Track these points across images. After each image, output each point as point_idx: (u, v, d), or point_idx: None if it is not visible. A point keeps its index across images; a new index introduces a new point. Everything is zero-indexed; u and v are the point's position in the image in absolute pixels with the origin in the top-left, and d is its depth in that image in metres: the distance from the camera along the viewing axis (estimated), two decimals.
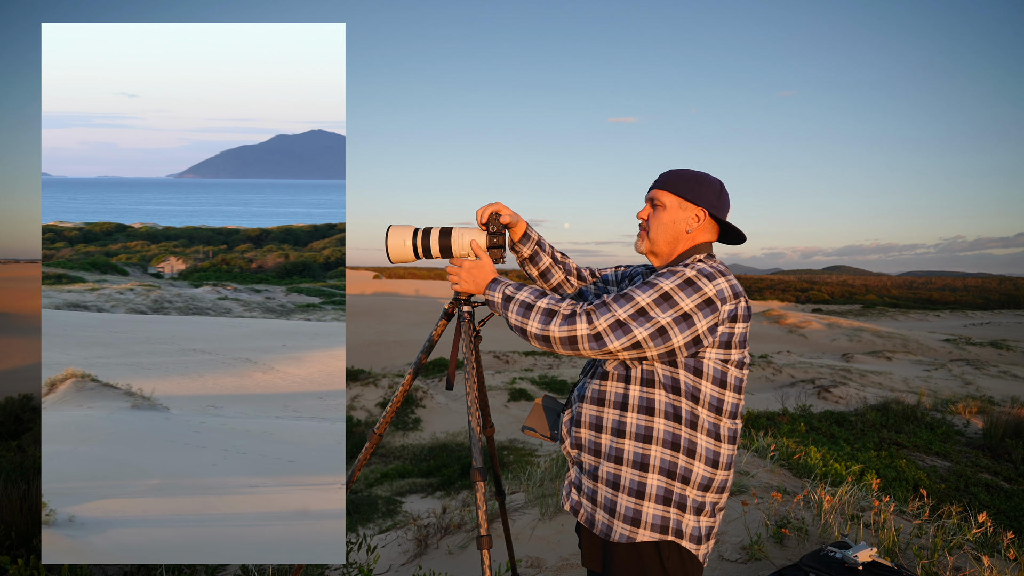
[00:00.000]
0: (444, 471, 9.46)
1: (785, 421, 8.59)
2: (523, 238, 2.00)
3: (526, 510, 4.07)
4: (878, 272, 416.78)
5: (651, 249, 1.77)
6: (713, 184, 1.74)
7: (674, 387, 1.61)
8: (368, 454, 2.17)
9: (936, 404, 11.24)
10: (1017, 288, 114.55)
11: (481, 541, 1.80)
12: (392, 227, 1.94)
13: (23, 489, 3.53)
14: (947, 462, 7.34)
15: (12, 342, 19.06)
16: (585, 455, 1.74)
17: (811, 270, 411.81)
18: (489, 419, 2.34)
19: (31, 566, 2.51)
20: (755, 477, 4.23)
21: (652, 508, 1.62)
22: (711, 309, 1.56)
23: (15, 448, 7.40)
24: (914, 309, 63.56)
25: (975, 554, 2.91)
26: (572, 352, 1.59)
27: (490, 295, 1.77)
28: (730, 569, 2.95)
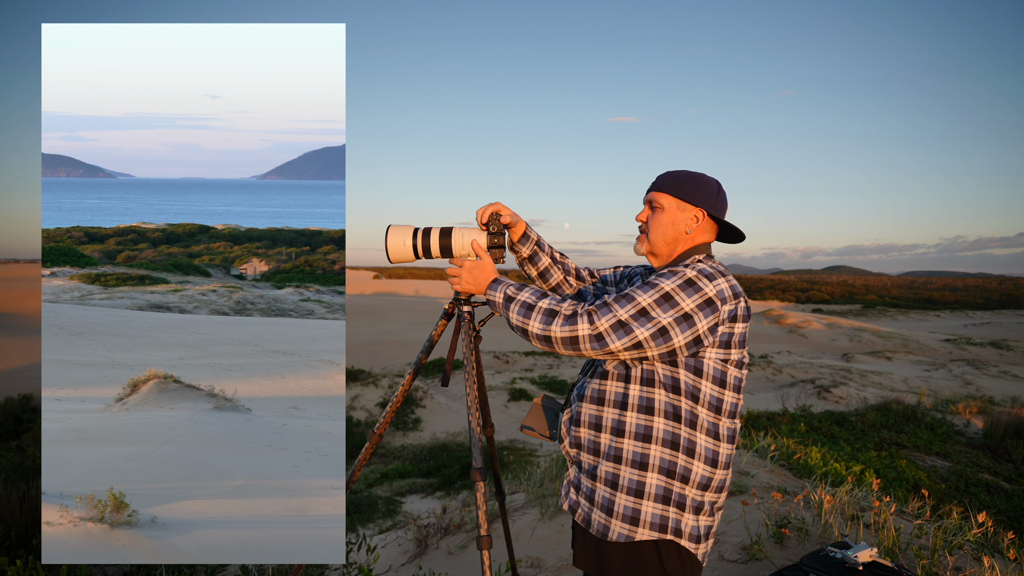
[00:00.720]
0: (444, 471, 9.46)
1: (785, 421, 8.59)
2: (522, 238, 2.00)
3: (526, 510, 4.07)
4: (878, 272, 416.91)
5: (651, 250, 1.78)
6: (710, 184, 1.75)
7: (674, 386, 1.62)
8: (368, 454, 2.16)
9: (936, 404, 11.24)
10: (1017, 288, 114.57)
11: (481, 541, 1.80)
12: (392, 227, 1.94)
13: (23, 489, 3.53)
14: (947, 462, 7.34)
15: (12, 342, 19.07)
16: (584, 454, 1.74)
17: (811, 270, 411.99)
18: (489, 419, 2.33)
19: (30, 566, 2.52)
20: (755, 477, 4.23)
21: (651, 507, 1.62)
22: (711, 309, 1.57)
23: (15, 448, 7.40)
24: (914, 309, 63.57)
25: (975, 554, 2.91)
26: (573, 352, 1.59)
27: (491, 295, 1.77)
28: (730, 569, 2.95)
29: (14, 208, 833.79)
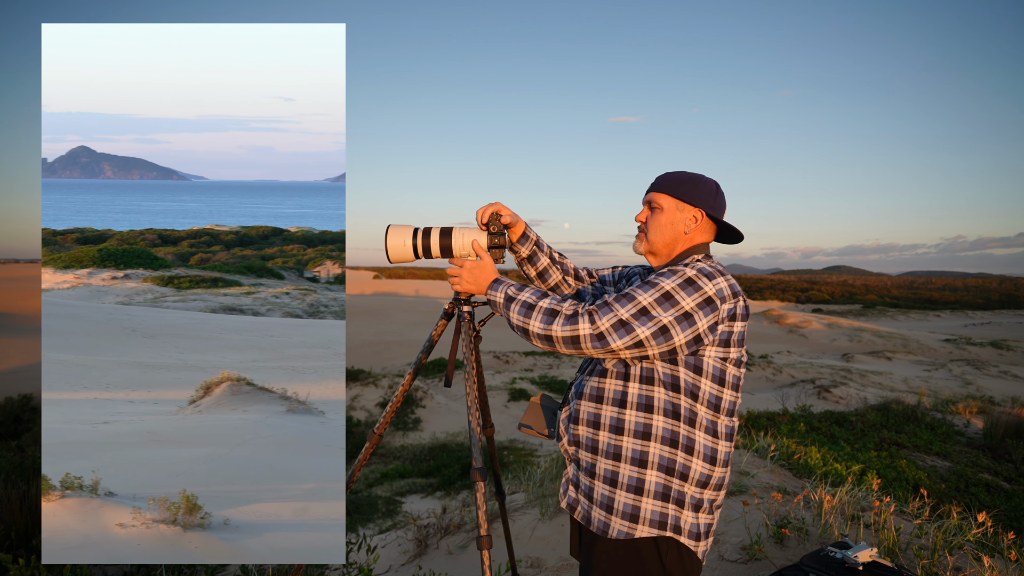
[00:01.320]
0: (444, 471, 9.46)
1: (785, 421, 8.59)
2: (521, 238, 2.00)
3: (526, 510, 4.07)
4: (878, 272, 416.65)
5: (650, 250, 1.80)
6: (709, 185, 1.76)
7: (674, 384, 1.63)
8: (368, 454, 2.17)
9: (936, 404, 11.24)
10: (1017, 288, 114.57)
11: (481, 541, 1.80)
12: (391, 227, 1.94)
13: (23, 489, 3.53)
14: (947, 462, 7.34)
15: (12, 342, 19.07)
16: (583, 452, 1.75)
17: (811, 270, 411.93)
18: (489, 419, 2.34)
19: (32, 566, 2.52)
20: (755, 477, 4.23)
21: (651, 504, 1.63)
22: (711, 308, 1.58)
23: (15, 448, 7.40)
24: (914, 309, 63.57)
25: (975, 554, 2.91)
26: (575, 351, 1.60)
27: (492, 295, 1.78)
28: (730, 569, 2.95)
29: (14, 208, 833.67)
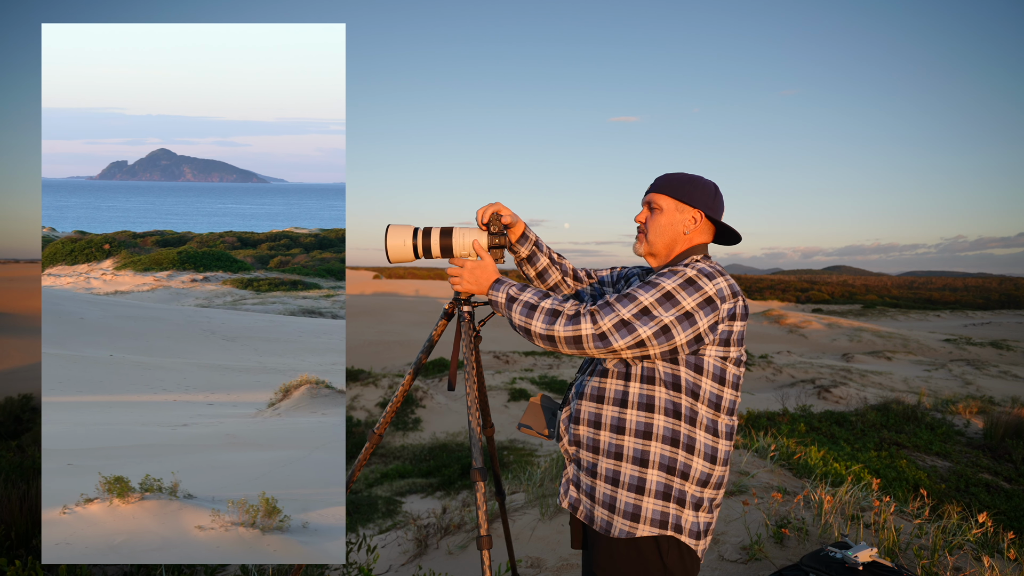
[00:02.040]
0: (444, 471, 9.45)
1: (785, 421, 8.59)
2: (521, 238, 2.01)
3: (526, 510, 4.07)
4: (878, 272, 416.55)
5: (649, 251, 1.81)
6: (708, 187, 1.78)
7: (675, 384, 1.64)
8: (368, 454, 2.17)
9: (936, 404, 11.24)
10: (1017, 288, 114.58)
11: (481, 541, 1.80)
12: (391, 227, 1.94)
13: (23, 489, 3.53)
14: (947, 462, 7.34)
15: (12, 342, 19.07)
16: (584, 452, 1.76)
17: (811, 270, 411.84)
18: (489, 419, 2.34)
19: (30, 566, 2.52)
20: (755, 477, 4.23)
21: (652, 503, 1.64)
22: (711, 308, 1.59)
23: (15, 448, 7.40)
24: (914, 309, 63.56)
25: (975, 554, 2.91)
26: (577, 351, 1.61)
27: (493, 295, 1.78)
28: (730, 569, 2.95)
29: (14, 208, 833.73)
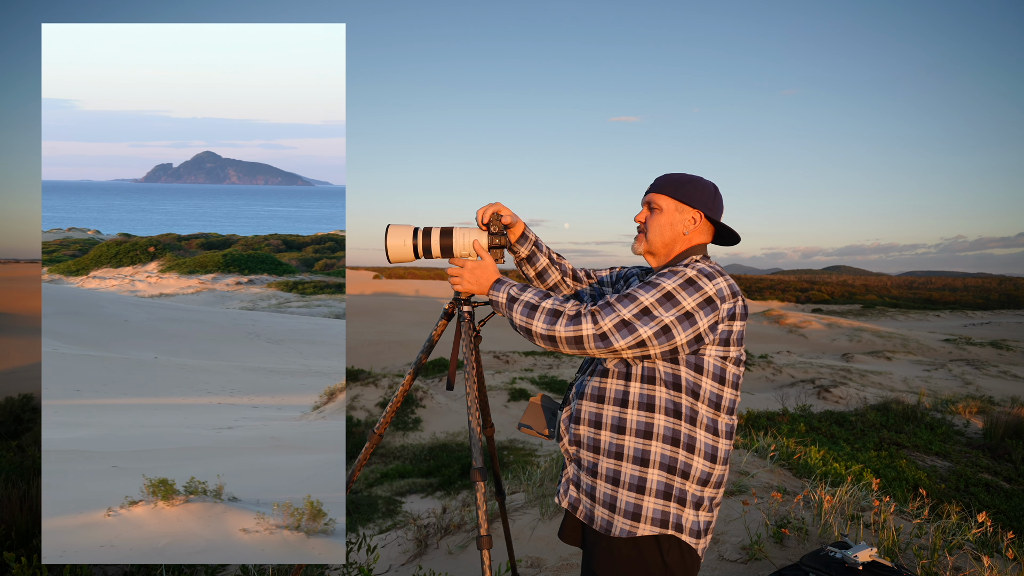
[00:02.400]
0: (444, 471, 9.45)
1: (785, 421, 8.60)
2: (521, 238, 2.01)
3: (526, 510, 4.07)
4: (878, 272, 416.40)
5: (649, 250, 1.82)
6: (708, 187, 1.79)
7: (675, 383, 1.64)
8: (368, 454, 2.17)
9: (936, 404, 11.24)
10: (1017, 288, 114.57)
11: (481, 541, 1.80)
12: (391, 226, 1.94)
13: (23, 489, 3.53)
14: (947, 462, 7.34)
15: (12, 342, 19.06)
16: (584, 452, 1.76)
17: (811, 270, 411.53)
18: (489, 419, 2.34)
19: (33, 566, 2.52)
20: (755, 477, 4.23)
21: (653, 503, 1.65)
22: (711, 308, 1.60)
23: (15, 448, 7.39)
24: (914, 309, 63.54)
25: (975, 554, 2.91)
26: (578, 351, 1.62)
27: (494, 295, 1.79)
28: (730, 569, 2.96)
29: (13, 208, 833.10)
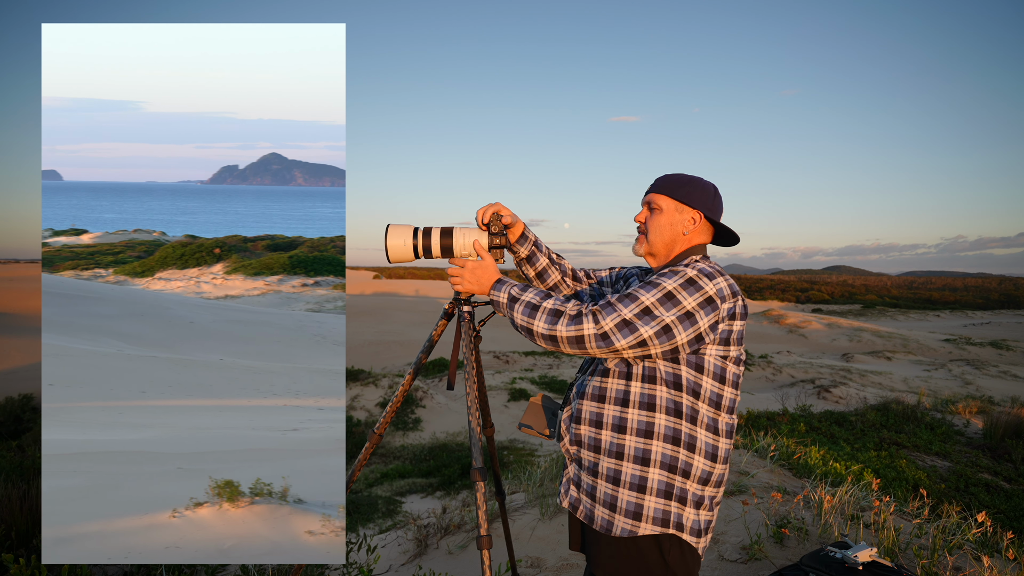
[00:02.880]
0: (444, 471, 9.45)
1: (785, 421, 8.60)
2: (520, 238, 2.01)
3: (526, 510, 4.07)
4: (878, 272, 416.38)
5: (649, 251, 1.83)
6: (707, 188, 1.80)
7: (676, 383, 1.65)
8: (368, 454, 2.17)
9: (936, 404, 11.24)
10: (1017, 288, 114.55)
11: (481, 541, 1.80)
12: (391, 226, 1.94)
13: (23, 489, 3.53)
14: (947, 462, 7.34)
15: (12, 342, 19.06)
16: (585, 451, 1.76)
17: (811, 270, 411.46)
18: (489, 419, 2.34)
19: (32, 566, 2.52)
20: (755, 477, 4.23)
21: (653, 502, 1.65)
22: (712, 307, 1.61)
23: (15, 448, 7.39)
24: (914, 309, 63.55)
25: (975, 554, 2.91)
26: (579, 351, 1.62)
27: (495, 295, 1.79)
28: (730, 569, 2.96)
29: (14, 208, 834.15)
